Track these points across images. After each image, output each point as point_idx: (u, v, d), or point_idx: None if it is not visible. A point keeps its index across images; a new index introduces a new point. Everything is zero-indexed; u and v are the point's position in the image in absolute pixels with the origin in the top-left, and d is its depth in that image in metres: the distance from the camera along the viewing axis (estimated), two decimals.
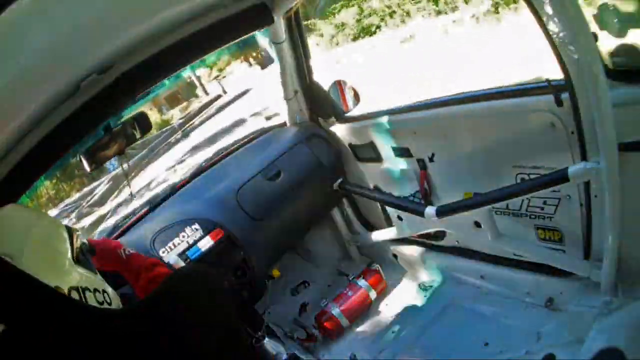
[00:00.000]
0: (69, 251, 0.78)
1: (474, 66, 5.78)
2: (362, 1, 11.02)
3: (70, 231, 0.82)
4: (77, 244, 0.81)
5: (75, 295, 0.72)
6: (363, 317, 2.06)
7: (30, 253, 0.71)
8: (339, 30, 11.11)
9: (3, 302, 0.60)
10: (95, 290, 0.77)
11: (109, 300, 0.80)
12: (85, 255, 0.83)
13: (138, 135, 1.61)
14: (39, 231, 0.76)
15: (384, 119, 1.87)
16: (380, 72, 7.47)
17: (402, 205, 1.89)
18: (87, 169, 1.54)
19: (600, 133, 1.12)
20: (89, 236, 1.57)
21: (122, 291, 1.11)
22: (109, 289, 0.83)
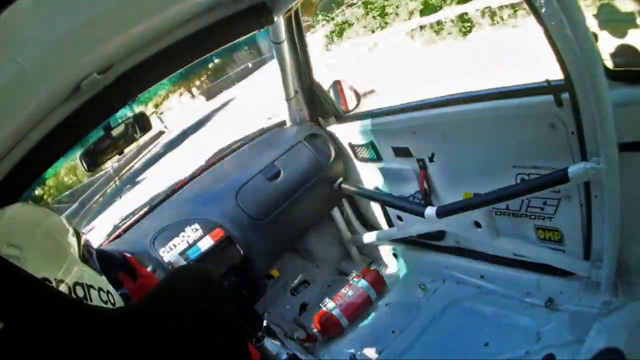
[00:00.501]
0: (76, 250, 0.79)
1: None
2: None
3: (77, 231, 0.83)
4: (82, 243, 0.82)
5: (80, 291, 0.73)
6: (363, 317, 2.06)
7: (37, 246, 0.73)
8: None
9: (1, 300, 0.60)
10: (100, 289, 0.79)
11: (113, 301, 0.81)
12: (92, 256, 0.83)
13: (138, 136, 1.61)
14: (47, 227, 0.78)
15: (384, 119, 1.87)
16: None
17: (402, 206, 1.89)
18: (87, 169, 1.54)
19: (600, 133, 1.12)
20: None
21: (121, 291, 1.11)
22: (113, 291, 0.83)
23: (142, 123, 1.62)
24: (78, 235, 0.82)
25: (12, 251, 0.67)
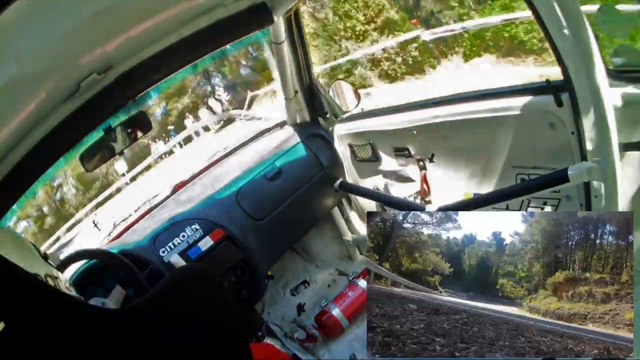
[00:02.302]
0: (36, 250, 0.83)
1: None
2: None
3: (34, 245, 0.87)
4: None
5: (50, 281, 0.76)
6: (363, 317, 2.06)
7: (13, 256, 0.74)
8: None
9: (2, 300, 0.60)
10: (66, 280, 0.82)
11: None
12: (48, 258, 0.86)
13: (138, 136, 1.61)
14: (10, 238, 0.81)
15: (384, 119, 1.87)
16: None
17: (402, 205, 1.89)
18: (86, 170, 1.54)
19: (600, 133, 1.12)
20: None
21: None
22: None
23: (142, 123, 1.62)
24: (36, 247, 0.85)
25: None
